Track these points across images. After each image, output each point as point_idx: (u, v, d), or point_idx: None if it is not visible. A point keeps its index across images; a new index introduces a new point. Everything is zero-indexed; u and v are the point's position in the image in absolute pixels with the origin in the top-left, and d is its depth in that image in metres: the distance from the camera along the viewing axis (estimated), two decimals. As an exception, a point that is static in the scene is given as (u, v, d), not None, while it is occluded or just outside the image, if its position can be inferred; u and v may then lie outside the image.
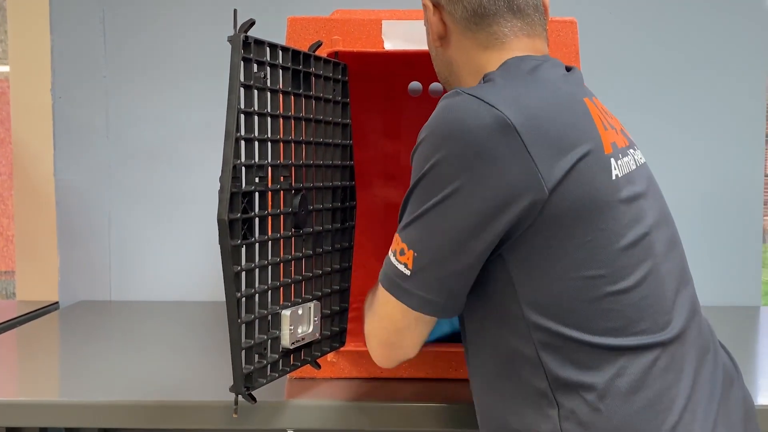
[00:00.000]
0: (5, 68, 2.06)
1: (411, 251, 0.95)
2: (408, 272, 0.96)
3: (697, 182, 2.03)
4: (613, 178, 0.94)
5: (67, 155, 2.04)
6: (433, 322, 1.02)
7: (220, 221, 1.00)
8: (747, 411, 1.03)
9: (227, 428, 1.23)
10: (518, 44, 1.04)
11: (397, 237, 0.98)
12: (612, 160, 0.95)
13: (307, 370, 1.27)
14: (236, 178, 1.02)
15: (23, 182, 2.04)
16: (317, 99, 1.22)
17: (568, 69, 1.07)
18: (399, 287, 0.97)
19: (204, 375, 1.39)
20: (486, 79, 0.99)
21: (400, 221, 0.99)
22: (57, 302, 2.03)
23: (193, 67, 2.03)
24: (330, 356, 1.30)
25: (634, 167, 1.01)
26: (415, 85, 1.83)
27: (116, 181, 2.05)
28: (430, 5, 1.08)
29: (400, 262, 0.97)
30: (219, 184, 1.01)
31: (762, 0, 2.00)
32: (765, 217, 2.07)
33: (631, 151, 1.04)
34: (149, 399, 1.24)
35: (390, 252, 0.99)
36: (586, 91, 1.04)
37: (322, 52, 1.26)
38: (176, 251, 2.06)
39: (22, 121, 2.03)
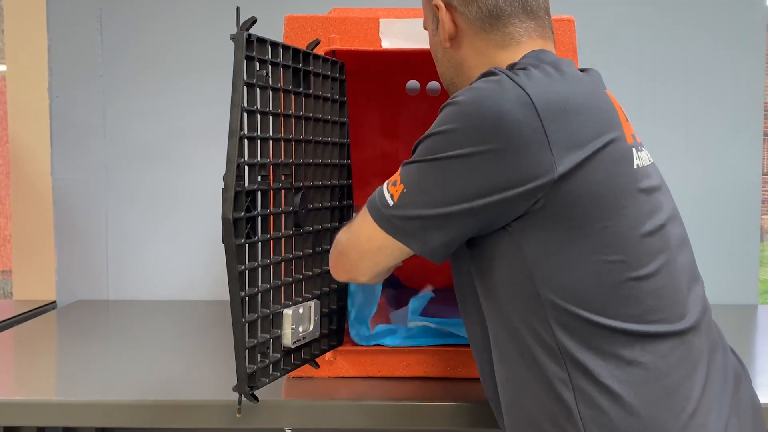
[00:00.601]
0: (2, 67, 2.05)
1: (402, 185, 0.98)
2: (391, 203, 0.98)
3: (695, 181, 2.03)
4: (635, 167, 0.97)
5: (64, 154, 2.04)
6: (394, 260, 1.04)
7: (224, 220, 1.00)
8: (755, 408, 1.04)
9: (224, 427, 1.23)
10: (532, 44, 1.05)
11: (398, 170, 1.00)
12: (633, 150, 0.98)
13: (304, 369, 1.27)
14: (240, 176, 1.02)
15: (20, 181, 2.03)
16: (316, 97, 1.22)
17: (582, 70, 1.08)
18: (378, 211, 1.00)
19: (201, 374, 1.39)
20: (518, 66, 1.00)
21: None
22: (54, 301, 2.03)
23: (189, 66, 2.03)
24: (327, 355, 1.30)
25: (648, 162, 1.03)
26: (412, 83, 1.83)
27: (113, 180, 2.05)
28: (442, 5, 1.08)
29: (389, 192, 0.99)
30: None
31: (759, -2, 2.01)
32: (763, 216, 2.07)
33: (643, 148, 1.06)
34: (146, 398, 1.23)
35: (387, 181, 1.01)
36: (605, 87, 1.06)
37: (319, 51, 1.26)
38: (173, 250, 2.05)
39: (19, 121, 2.02)
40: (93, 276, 2.05)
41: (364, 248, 1.03)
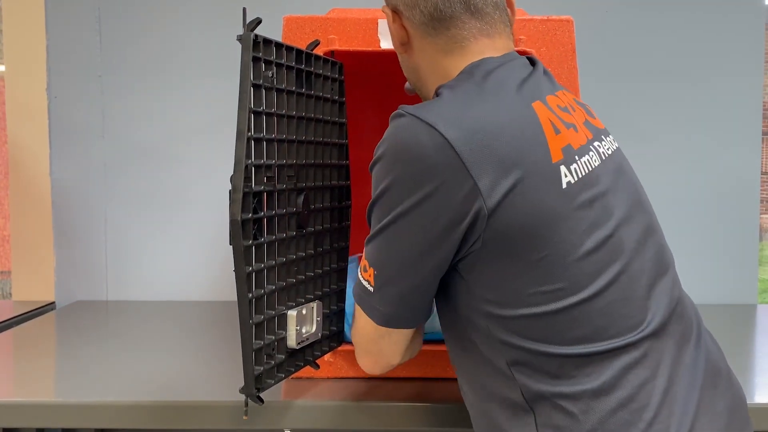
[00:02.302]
0: (1, 68, 2.05)
1: (372, 269, 0.99)
2: (371, 289, 1.00)
3: (694, 180, 2.03)
4: (564, 186, 0.93)
5: (62, 155, 2.03)
6: (410, 333, 1.05)
7: (233, 222, 1.00)
8: (734, 404, 1.01)
9: (224, 428, 1.23)
10: (478, 46, 1.03)
11: (364, 251, 1.01)
12: (562, 167, 0.94)
13: (304, 370, 1.27)
14: (248, 178, 1.02)
15: (19, 182, 2.03)
16: (317, 98, 1.22)
17: (533, 62, 1.06)
18: (366, 302, 1.01)
19: (200, 375, 1.39)
20: (437, 92, 0.99)
21: None
22: (53, 302, 2.03)
23: (188, 66, 2.03)
24: (327, 356, 1.30)
25: (597, 163, 0.99)
26: (411, 84, 1.82)
27: (112, 180, 2.04)
28: (389, 12, 1.07)
29: (364, 279, 1.01)
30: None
31: (758, -2, 2.01)
32: (762, 215, 2.07)
33: (596, 144, 1.02)
34: (145, 399, 1.23)
35: (360, 266, 1.02)
36: (542, 90, 1.01)
37: (318, 51, 1.26)
38: (172, 251, 2.05)
39: (18, 121, 2.02)
40: (92, 276, 2.05)
41: (376, 338, 1.04)
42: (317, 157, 1.22)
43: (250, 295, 1.04)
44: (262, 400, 1.09)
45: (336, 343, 1.30)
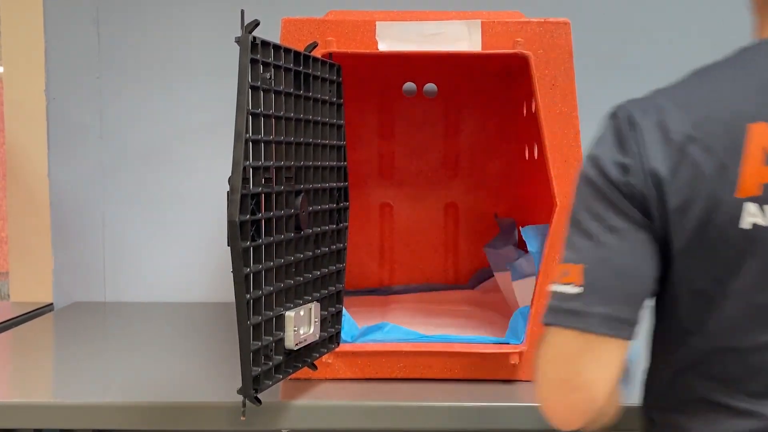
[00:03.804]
0: (-1, 69, 2.05)
1: (578, 265, 0.84)
2: (578, 289, 0.84)
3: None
4: (747, 227, 0.82)
5: (61, 156, 2.03)
6: (619, 350, 0.85)
7: (231, 223, 1.00)
8: None
9: (220, 429, 1.23)
10: None
11: (556, 270, 0.89)
12: (749, 204, 0.82)
13: (302, 371, 1.27)
14: (246, 179, 1.02)
15: (17, 183, 2.03)
16: (315, 100, 1.22)
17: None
18: (566, 312, 0.84)
19: (199, 376, 1.39)
20: (659, 90, 0.95)
21: None
22: (51, 303, 2.02)
23: (187, 67, 2.03)
24: (325, 357, 1.30)
25: None
26: (409, 85, 1.83)
27: (110, 181, 2.04)
28: None
29: (565, 284, 0.85)
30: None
31: None
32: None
33: None
34: (144, 400, 1.23)
35: (549, 288, 0.88)
36: None
37: (316, 53, 1.26)
38: (171, 252, 2.05)
39: (16, 122, 2.02)
40: (90, 278, 2.05)
41: (573, 357, 0.86)
42: (315, 158, 1.22)
43: (248, 296, 1.04)
44: (259, 401, 1.09)
45: (334, 345, 1.30)
